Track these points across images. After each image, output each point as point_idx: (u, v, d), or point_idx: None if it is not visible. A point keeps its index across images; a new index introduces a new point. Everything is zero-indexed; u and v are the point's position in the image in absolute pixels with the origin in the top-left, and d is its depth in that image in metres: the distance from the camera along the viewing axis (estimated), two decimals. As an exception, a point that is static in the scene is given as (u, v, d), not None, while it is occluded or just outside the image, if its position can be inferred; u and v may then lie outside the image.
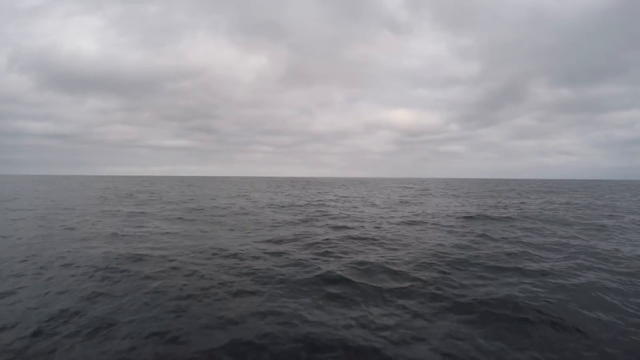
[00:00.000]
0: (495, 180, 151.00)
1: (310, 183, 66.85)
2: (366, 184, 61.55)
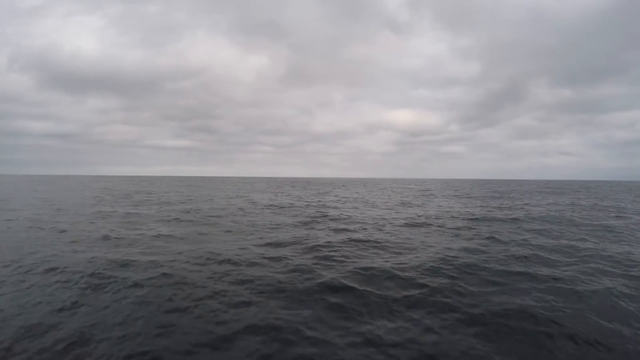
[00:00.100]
0: (496, 180, 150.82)
1: (310, 183, 66.47)
2: (367, 185, 61.22)
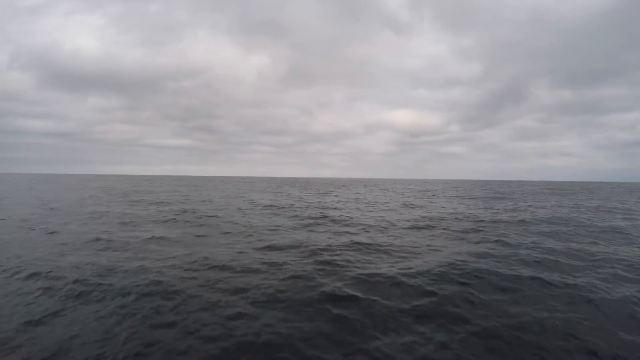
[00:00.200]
0: (497, 181, 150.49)
1: (310, 183, 66.04)
2: (367, 185, 60.80)
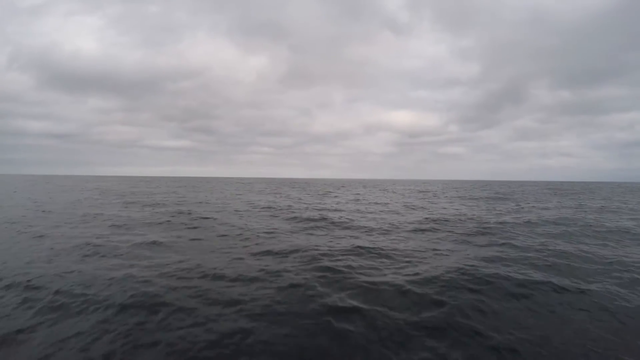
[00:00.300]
0: (496, 182, 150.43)
1: (310, 184, 65.61)
2: (366, 186, 60.45)
